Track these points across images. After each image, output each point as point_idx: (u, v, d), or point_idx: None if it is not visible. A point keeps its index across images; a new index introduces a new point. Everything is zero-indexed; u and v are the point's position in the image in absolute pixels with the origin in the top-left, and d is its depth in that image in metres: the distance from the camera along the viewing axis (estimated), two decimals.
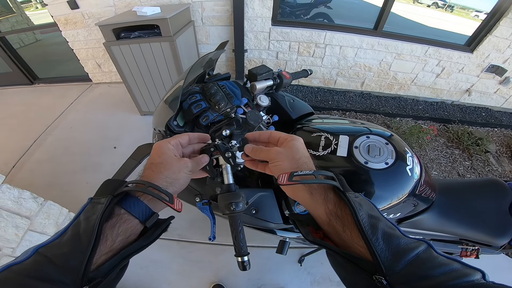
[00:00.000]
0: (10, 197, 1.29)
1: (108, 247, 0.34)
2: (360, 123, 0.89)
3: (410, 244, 0.34)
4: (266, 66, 0.95)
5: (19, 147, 2.54)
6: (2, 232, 1.26)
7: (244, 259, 0.51)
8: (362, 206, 0.37)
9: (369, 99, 3.21)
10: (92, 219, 0.34)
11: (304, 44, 2.83)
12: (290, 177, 0.40)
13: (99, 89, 3.44)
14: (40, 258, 0.31)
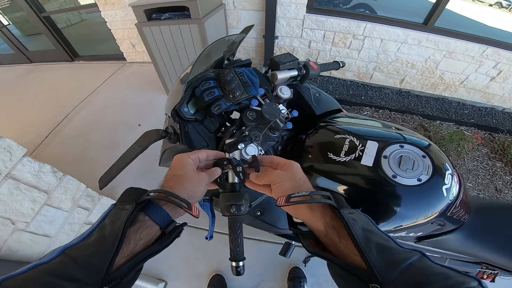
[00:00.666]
0: (30, 170, 1.30)
1: (130, 249, 0.37)
2: (395, 128, 0.76)
3: (404, 254, 0.36)
4: (292, 55, 0.86)
5: (52, 121, 2.74)
6: (19, 205, 1.28)
7: (239, 264, 0.49)
8: (356, 221, 0.40)
9: (408, 98, 2.92)
10: (117, 224, 0.37)
11: (340, 34, 2.62)
12: (288, 199, 0.44)
13: (132, 68, 3.57)
14: (66, 259, 0.33)
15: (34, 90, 3.39)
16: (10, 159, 1.19)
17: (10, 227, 1.25)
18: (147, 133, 0.70)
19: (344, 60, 1.01)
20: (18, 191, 1.24)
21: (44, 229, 1.41)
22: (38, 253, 1.40)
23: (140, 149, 0.66)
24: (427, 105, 2.83)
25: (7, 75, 3.94)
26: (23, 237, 1.32)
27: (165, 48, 2.25)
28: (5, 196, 1.18)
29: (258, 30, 2.80)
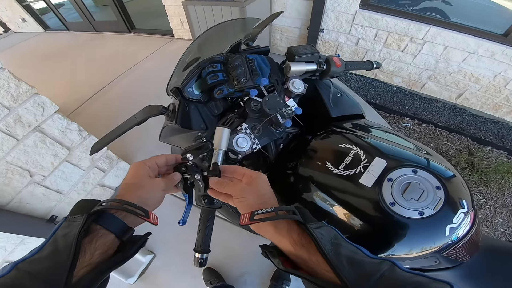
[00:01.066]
0: (58, 126, 1.39)
1: (87, 260, 0.36)
2: (424, 152, 0.64)
3: (375, 265, 0.35)
4: (313, 47, 0.77)
5: (99, 84, 3.02)
6: (40, 158, 1.33)
7: (202, 256, 0.47)
8: (324, 236, 0.38)
9: (461, 115, 2.51)
10: (69, 236, 0.35)
11: (395, 35, 2.34)
12: (251, 217, 0.42)
13: (178, 44, 3.73)
14: (20, 273, 0.31)
15: (92, 55, 3.77)
16: (42, 114, 1.28)
17: (27, 179, 1.32)
18: (148, 107, 0.71)
19: (395, 64, 0.89)
20: (43, 144, 1.32)
21: (58, 185, 1.48)
22: (46, 208, 1.47)
23: (137, 122, 0.66)
24: (482, 127, 2.42)
25: (74, 40, 4.44)
26: (37, 191, 1.39)
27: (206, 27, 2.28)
28: (30, 147, 1.27)
29: (303, 21, 2.66)
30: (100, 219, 0.40)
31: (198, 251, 0.47)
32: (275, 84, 0.72)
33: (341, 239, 0.40)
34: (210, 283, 1.49)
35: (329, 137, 0.73)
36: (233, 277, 1.58)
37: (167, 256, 1.67)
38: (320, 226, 0.40)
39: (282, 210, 0.41)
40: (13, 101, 1.15)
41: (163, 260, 1.67)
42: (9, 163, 1.20)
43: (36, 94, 1.24)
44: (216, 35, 0.79)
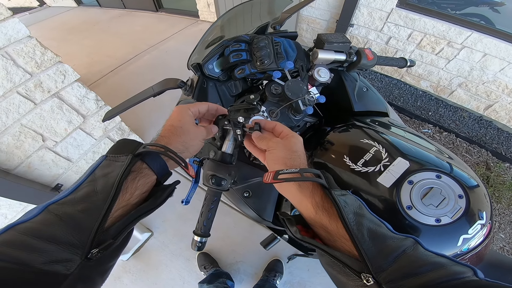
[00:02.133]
0: (77, 94, 1.39)
1: (125, 200, 0.34)
2: (447, 156, 0.60)
3: (397, 241, 0.33)
4: (345, 36, 0.73)
5: (123, 57, 3.09)
6: (55, 124, 1.33)
7: (201, 240, 0.45)
8: (348, 204, 0.37)
9: (486, 128, 2.36)
10: (111, 176, 0.33)
11: (431, 37, 2.19)
12: (276, 175, 0.41)
13: (202, 26, 3.71)
14: (49, 216, 0.29)
15: (119, 31, 3.83)
16: (63, 81, 1.30)
17: (39, 143, 1.32)
18: (166, 79, 0.70)
19: (425, 67, 0.84)
20: (59, 110, 1.34)
21: (69, 152, 1.48)
22: (53, 175, 1.47)
23: (153, 93, 0.66)
24: (504, 142, 2.28)
25: (103, 16, 4.53)
26: (47, 156, 1.39)
27: None
28: (46, 112, 1.28)
29: (332, 14, 2.54)
30: (145, 157, 0.39)
31: (198, 234, 0.45)
32: (300, 70, 0.69)
33: (365, 211, 0.38)
34: (204, 267, 1.49)
35: (350, 131, 0.70)
36: (227, 264, 1.59)
37: (164, 235, 1.68)
38: (344, 194, 0.38)
39: (308, 172, 0.39)
40: (36, 68, 1.17)
41: (160, 239, 1.68)
42: (23, 125, 1.22)
43: (60, 62, 1.27)
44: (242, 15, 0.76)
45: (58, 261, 0.27)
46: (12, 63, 1.09)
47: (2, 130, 1.14)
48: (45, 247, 0.27)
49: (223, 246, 1.62)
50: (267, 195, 0.70)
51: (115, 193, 0.32)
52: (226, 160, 0.50)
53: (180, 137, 0.43)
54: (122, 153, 0.37)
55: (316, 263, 1.59)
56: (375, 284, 0.30)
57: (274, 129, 0.48)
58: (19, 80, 1.13)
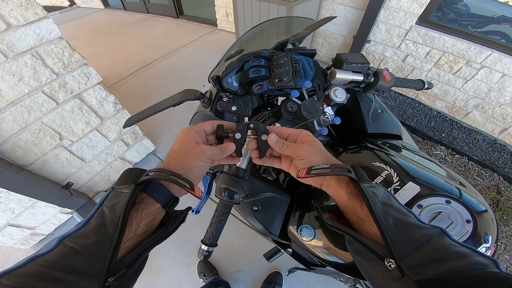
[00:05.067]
0: (97, 96, 1.43)
1: (132, 231, 0.35)
2: (458, 182, 0.61)
3: (423, 230, 0.34)
4: (364, 57, 0.73)
5: (142, 61, 3.20)
6: (73, 124, 1.38)
7: (209, 249, 0.46)
8: (376, 195, 0.39)
9: (499, 152, 2.30)
10: (117, 208, 0.35)
11: (450, 56, 2.17)
12: (309, 171, 0.43)
13: (219, 35, 3.82)
14: (65, 249, 0.31)
15: (141, 35, 3.99)
16: (86, 83, 1.35)
17: (56, 141, 1.36)
18: (186, 90, 0.72)
19: (442, 87, 0.84)
20: (79, 111, 1.39)
21: (83, 152, 1.54)
22: (66, 173, 1.51)
23: (173, 103, 0.68)
24: None
25: (127, 19, 4.74)
26: (62, 155, 1.43)
27: (250, 22, 2.29)
28: (66, 112, 1.33)
29: (350, 29, 2.56)
30: (146, 188, 0.39)
31: (206, 244, 0.45)
32: (317, 89, 0.70)
33: (394, 202, 0.39)
34: (204, 275, 1.48)
35: (362, 153, 0.70)
36: (227, 273, 1.57)
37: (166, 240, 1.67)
38: (374, 186, 0.40)
39: (338, 168, 0.42)
40: (63, 68, 1.23)
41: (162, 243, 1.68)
42: (44, 124, 1.26)
43: (85, 64, 1.32)
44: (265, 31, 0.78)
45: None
46: (41, 63, 1.15)
47: (22, 127, 1.19)
48: (65, 277, 0.28)
49: (224, 255, 1.62)
50: (276, 209, 0.70)
51: (122, 225, 0.33)
52: (239, 174, 0.50)
53: (178, 160, 0.42)
54: (126, 184, 0.38)
55: (315, 278, 1.57)
56: (397, 269, 0.31)
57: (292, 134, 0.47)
58: (46, 79, 1.19)
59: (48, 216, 1.55)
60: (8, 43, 1.02)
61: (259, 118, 0.69)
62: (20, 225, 1.44)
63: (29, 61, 1.11)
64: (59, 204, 1.49)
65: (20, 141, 1.21)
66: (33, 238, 1.60)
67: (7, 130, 1.14)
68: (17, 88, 1.11)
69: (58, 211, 1.58)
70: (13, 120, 1.14)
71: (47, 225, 1.61)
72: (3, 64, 1.04)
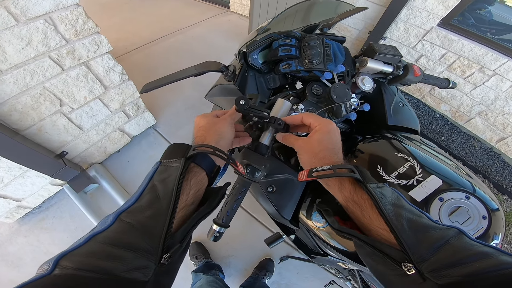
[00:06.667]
0: (105, 65, 1.40)
1: (183, 201, 0.36)
2: (466, 174, 0.63)
3: (440, 231, 0.33)
4: (397, 49, 0.72)
5: (149, 37, 3.11)
6: (76, 91, 1.34)
7: (220, 230, 0.43)
8: (385, 196, 0.37)
9: (493, 160, 2.37)
10: (169, 181, 0.35)
11: (464, 60, 2.15)
12: (310, 174, 0.42)
13: (230, 17, 3.71)
14: (123, 225, 0.31)
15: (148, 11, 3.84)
16: (95, 51, 1.31)
17: (56, 107, 1.32)
18: (209, 61, 0.70)
19: (450, 91, 0.84)
20: (84, 78, 1.35)
21: (82, 120, 1.49)
22: (61, 141, 1.46)
23: (195, 73, 0.66)
24: (508, 176, 2.30)
25: None
26: (60, 121, 1.39)
27: (266, 7, 2.22)
28: (71, 79, 1.29)
29: (366, 24, 2.50)
30: (194, 159, 0.41)
31: (218, 224, 0.43)
32: (345, 75, 0.68)
33: (404, 202, 0.37)
34: (196, 257, 1.49)
35: (384, 143, 0.70)
36: (219, 257, 1.58)
37: None
38: (381, 187, 0.38)
39: (341, 169, 0.40)
40: (74, 35, 1.18)
41: None
42: (45, 88, 1.23)
43: (98, 33, 1.28)
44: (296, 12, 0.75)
45: (137, 268, 0.28)
46: (53, 29, 1.10)
47: (23, 90, 1.15)
48: (124, 254, 0.28)
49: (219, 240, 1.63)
50: (290, 193, 0.70)
51: (176, 197, 0.33)
52: (262, 151, 0.49)
53: (211, 129, 0.45)
54: (174, 158, 0.39)
55: (306, 267, 1.60)
56: (417, 273, 0.30)
57: (302, 121, 0.48)
58: (54, 45, 1.15)
59: (37, 187, 1.50)
60: (22, 7, 0.97)
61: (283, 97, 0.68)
62: (6, 196, 1.38)
63: (41, 26, 1.06)
64: (51, 174, 1.43)
65: (18, 105, 1.16)
66: (19, 211, 1.55)
67: (6, 93, 1.10)
68: (23, 52, 1.07)
69: (48, 182, 1.53)
70: (14, 83, 1.10)
71: (34, 197, 1.55)
72: (13, 28, 1.00)
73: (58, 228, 1.59)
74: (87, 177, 1.68)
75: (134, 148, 1.97)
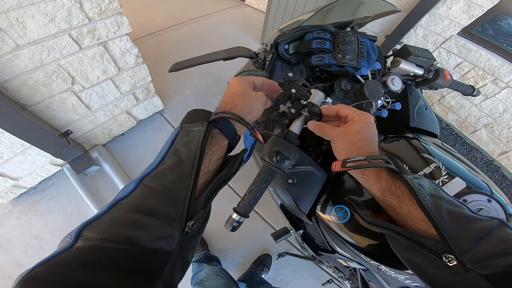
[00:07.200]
0: (122, 47, 1.40)
1: (206, 166, 0.36)
2: (483, 177, 0.64)
3: (481, 222, 0.32)
4: (431, 53, 0.72)
5: (163, 24, 3.10)
6: (90, 70, 1.33)
7: (239, 220, 0.41)
8: (423, 187, 0.36)
9: (492, 172, 2.41)
10: (192, 144, 0.35)
11: (479, 71, 2.15)
12: (344, 164, 0.42)
13: (245, 9, 3.69)
14: (146, 190, 0.30)
15: None
16: (115, 32, 1.31)
17: (68, 85, 1.31)
18: (240, 47, 0.71)
19: (459, 101, 0.85)
20: (100, 58, 1.34)
21: (91, 100, 1.48)
22: (67, 120, 1.45)
23: (225, 56, 0.67)
24: (505, 189, 2.35)
25: None
26: (69, 99, 1.38)
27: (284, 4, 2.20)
28: (87, 58, 1.28)
29: (384, 28, 2.49)
30: (217, 124, 0.40)
31: (239, 213, 0.40)
32: (377, 73, 0.68)
33: (443, 193, 0.37)
34: None
35: (405, 143, 0.70)
36: (217, 249, 1.58)
37: None
38: (418, 178, 0.38)
39: (376, 159, 0.39)
40: (97, 15, 1.17)
41: None
42: (60, 66, 1.21)
43: (120, 14, 1.27)
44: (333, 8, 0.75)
45: (162, 237, 0.28)
46: (78, 6, 1.09)
47: (37, 66, 1.14)
48: (149, 222, 0.27)
49: (218, 230, 1.59)
50: (311, 187, 0.70)
51: (199, 160, 0.33)
52: (292, 140, 0.47)
53: (244, 100, 0.44)
54: (195, 122, 0.39)
55: (303, 265, 1.61)
56: (459, 264, 0.29)
57: (338, 113, 0.47)
58: (77, 23, 1.13)
59: (36, 166, 1.47)
60: None
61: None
62: (4, 174, 1.36)
63: (67, 3, 1.05)
64: (53, 153, 1.41)
65: (30, 80, 1.15)
66: (14, 191, 1.51)
67: (20, 68, 1.09)
68: (45, 28, 1.05)
69: (48, 161, 1.51)
70: (29, 58, 1.09)
71: (32, 176, 1.52)
72: (39, 4, 0.98)
73: (53, 211, 1.55)
74: (89, 158, 1.67)
75: (139, 132, 1.96)
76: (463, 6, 1.98)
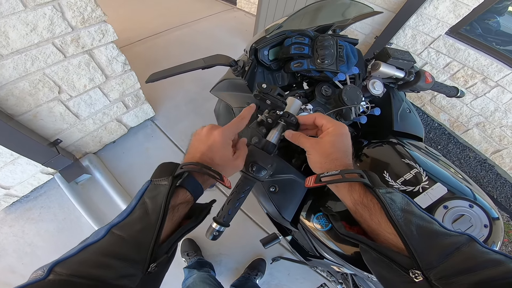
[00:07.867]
0: (108, 54, 1.37)
1: (170, 219, 0.38)
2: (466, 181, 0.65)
3: (450, 237, 0.32)
4: (411, 55, 0.72)
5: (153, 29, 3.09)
6: (76, 79, 1.30)
7: (220, 229, 0.42)
8: (394, 202, 0.36)
9: (486, 171, 2.41)
10: (158, 198, 0.37)
11: (468, 70, 2.16)
12: (317, 180, 0.42)
13: (236, 13, 3.69)
14: (114, 237, 0.33)
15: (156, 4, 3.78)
16: (100, 40, 1.29)
17: (54, 94, 1.29)
18: (219, 55, 0.69)
19: (450, 100, 0.84)
20: (86, 67, 1.32)
21: (80, 109, 1.46)
22: (56, 129, 1.43)
23: (204, 65, 0.65)
24: (499, 188, 2.34)
25: None
26: (56, 109, 1.35)
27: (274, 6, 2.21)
28: (72, 66, 1.26)
29: (373, 29, 2.50)
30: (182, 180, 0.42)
31: (219, 222, 0.41)
32: (356, 78, 0.68)
33: (414, 208, 0.37)
34: (187, 254, 1.47)
35: (391, 148, 0.69)
36: (210, 255, 1.57)
37: None
38: (390, 192, 0.38)
39: (350, 173, 0.40)
40: (80, 23, 1.15)
41: None
42: (45, 75, 1.20)
43: (104, 22, 1.26)
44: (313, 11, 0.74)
45: (125, 276, 0.30)
46: (60, 15, 1.08)
47: (22, 76, 1.12)
48: (114, 264, 0.30)
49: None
50: (294, 194, 0.69)
51: (164, 213, 0.35)
52: (269, 149, 0.47)
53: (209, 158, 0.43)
54: (163, 176, 0.40)
55: (297, 269, 1.60)
56: (425, 280, 0.29)
57: (315, 122, 0.47)
58: (60, 32, 1.12)
59: (27, 175, 1.45)
60: None
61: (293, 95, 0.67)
62: None
63: (49, 12, 1.04)
64: (43, 162, 1.39)
65: (15, 90, 1.13)
66: (6, 200, 1.50)
67: (5, 77, 1.07)
68: (27, 38, 1.04)
69: (39, 170, 1.49)
70: (13, 68, 1.07)
71: (23, 185, 1.51)
72: (20, 14, 0.97)
73: (45, 219, 1.55)
74: (80, 167, 1.64)
75: (130, 140, 1.94)
76: (450, 6, 1.99)
